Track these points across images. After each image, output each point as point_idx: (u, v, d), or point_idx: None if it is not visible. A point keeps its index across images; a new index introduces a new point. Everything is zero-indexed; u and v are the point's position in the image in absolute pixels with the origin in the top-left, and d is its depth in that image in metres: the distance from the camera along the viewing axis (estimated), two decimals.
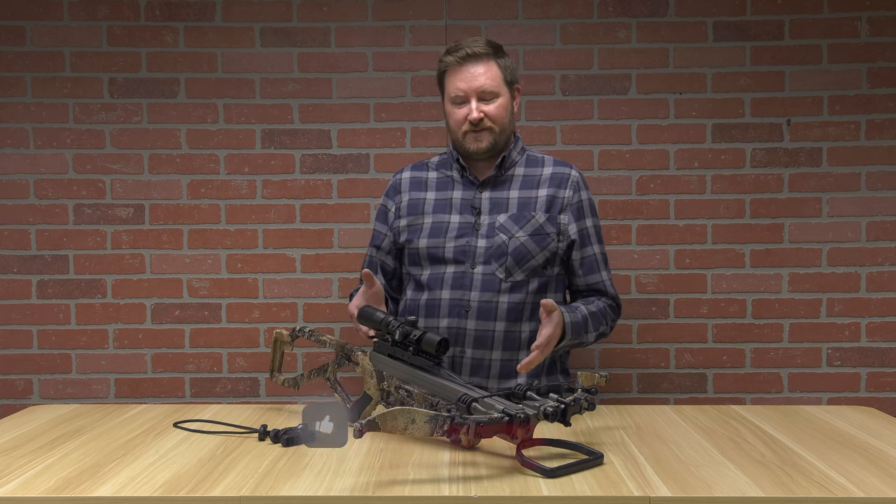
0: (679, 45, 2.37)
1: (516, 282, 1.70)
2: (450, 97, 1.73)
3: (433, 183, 1.81)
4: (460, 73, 1.70)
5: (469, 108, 1.69)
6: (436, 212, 1.77)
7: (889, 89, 2.36)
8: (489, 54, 1.70)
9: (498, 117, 1.71)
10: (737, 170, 2.39)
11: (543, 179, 1.77)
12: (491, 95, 1.70)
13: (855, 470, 1.19)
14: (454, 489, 1.10)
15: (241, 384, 2.42)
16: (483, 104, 1.70)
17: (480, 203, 1.75)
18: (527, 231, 1.71)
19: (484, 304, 1.68)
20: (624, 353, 2.42)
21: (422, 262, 1.75)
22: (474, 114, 1.68)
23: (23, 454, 1.31)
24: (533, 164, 1.80)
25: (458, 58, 1.69)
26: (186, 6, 2.37)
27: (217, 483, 1.14)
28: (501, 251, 1.69)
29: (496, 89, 1.70)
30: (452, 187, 1.79)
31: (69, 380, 2.41)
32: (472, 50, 1.69)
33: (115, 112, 2.39)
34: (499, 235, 1.71)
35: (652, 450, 1.30)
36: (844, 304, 2.39)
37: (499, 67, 1.71)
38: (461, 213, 1.75)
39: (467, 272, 1.70)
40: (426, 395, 1.37)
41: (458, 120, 1.72)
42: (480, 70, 1.69)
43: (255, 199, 2.41)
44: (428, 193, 1.79)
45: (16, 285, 2.40)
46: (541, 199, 1.74)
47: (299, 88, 2.39)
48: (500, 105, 1.71)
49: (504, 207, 1.74)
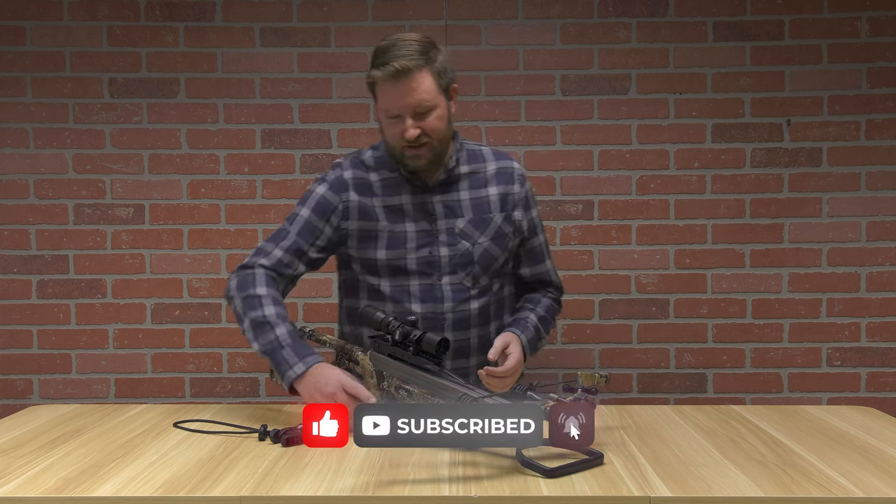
0: (679, 45, 2.37)
1: (482, 287, 1.68)
2: (383, 111, 1.60)
3: (378, 186, 1.68)
4: (392, 90, 1.55)
5: (405, 125, 1.56)
6: (390, 220, 1.66)
7: (889, 89, 2.36)
8: (420, 64, 1.54)
9: (436, 130, 1.59)
10: (737, 170, 2.39)
11: (490, 176, 1.72)
12: (427, 109, 1.57)
13: (855, 470, 1.19)
14: (454, 489, 1.10)
15: (241, 384, 2.42)
16: (419, 119, 1.57)
17: (434, 208, 1.67)
18: (488, 235, 1.67)
19: (458, 315, 1.66)
20: (624, 353, 2.41)
21: (380, 272, 1.67)
22: (410, 132, 1.56)
23: (23, 454, 1.31)
24: (475, 160, 1.73)
25: (388, 74, 1.53)
26: (186, 6, 2.37)
27: (217, 483, 1.14)
28: (467, 259, 1.65)
29: (431, 101, 1.57)
30: (400, 190, 1.67)
31: (69, 380, 2.41)
32: (402, 64, 1.52)
33: (115, 112, 2.39)
34: (462, 243, 1.66)
35: (652, 450, 1.30)
36: (844, 304, 2.39)
37: (432, 76, 1.56)
38: (416, 220, 1.67)
39: (435, 284, 1.65)
40: (426, 394, 1.37)
41: (394, 135, 1.60)
42: (413, 85, 1.54)
43: (255, 199, 2.41)
44: (375, 199, 1.67)
45: (16, 285, 2.40)
46: (493, 198, 1.70)
47: (299, 88, 2.39)
48: (437, 117, 1.58)
49: (459, 211, 1.68)
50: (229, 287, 1.61)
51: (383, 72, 1.54)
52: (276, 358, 1.50)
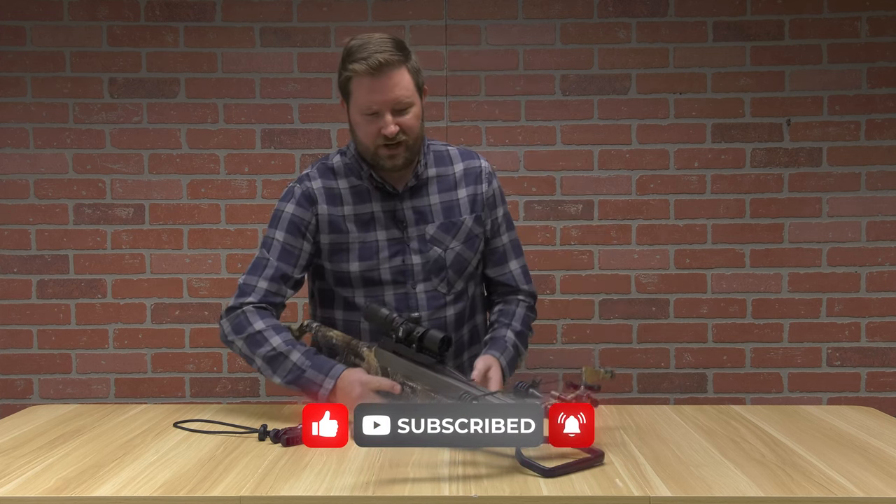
0: (679, 45, 2.37)
1: (457, 291, 1.67)
2: (359, 108, 1.56)
3: (347, 195, 1.65)
4: (372, 85, 1.51)
5: (383, 121, 1.53)
6: (360, 230, 1.63)
7: (889, 89, 2.36)
8: (401, 60, 1.52)
9: (412, 128, 1.57)
10: (737, 170, 2.39)
11: (458, 178, 1.69)
12: (405, 105, 1.54)
13: (855, 470, 1.19)
14: (454, 489, 1.10)
15: (241, 384, 2.42)
16: (398, 116, 1.54)
17: (405, 215, 1.65)
18: (459, 239, 1.66)
19: (434, 322, 1.64)
20: (624, 353, 2.41)
21: (353, 283, 1.64)
22: (391, 128, 1.53)
23: (23, 454, 1.31)
24: (442, 162, 1.70)
25: (370, 66, 1.50)
26: (186, 6, 2.37)
27: (217, 483, 1.14)
28: (440, 265, 1.64)
29: (410, 98, 1.54)
30: (370, 198, 1.64)
31: (69, 380, 2.41)
32: (384, 58, 1.50)
33: (115, 112, 2.39)
34: (433, 249, 1.64)
35: (652, 450, 1.30)
36: (844, 304, 2.39)
37: (410, 73, 1.55)
38: (386, 227, 1.64)
39: (409, 292, 1.64)
40: (429, 391, 1.37)
41: (369, 133, 1.56)
42: (394, 81, 1.51)
43: (255, 199, 2.41)
44: (345, 208, 1.64)
45: (16, 285, 2.40)
46: (463, 201, 1.68)
47: (299, 88, 2.39)
48: (414, 115, 1.56)
49: (429, 216, 1.66)
50: (224, 332, 1.58)
51: (365, 64, 1.50)
52: (302, 383, 1.50)
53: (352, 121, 1.59)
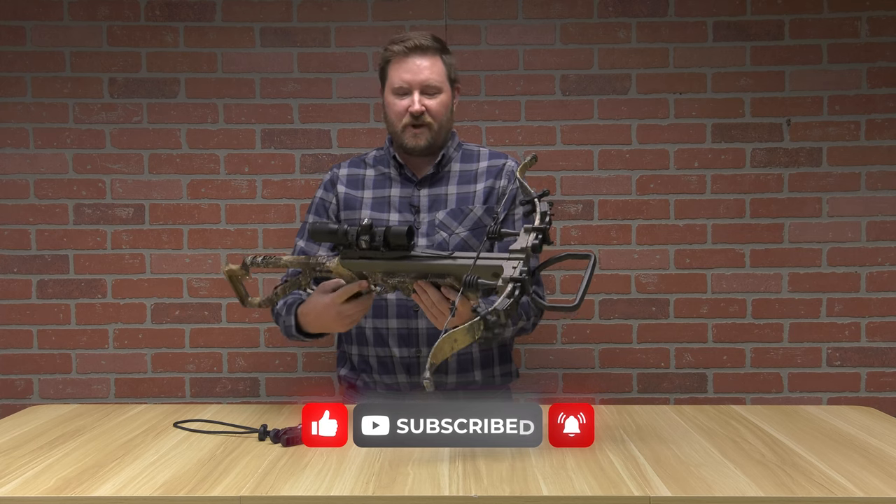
0: (679, 45, 2.37)
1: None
2: (392, 87, 1.68)
3: (370, 181, 1.77)
4: (405, 65, 1.66)
5: (411, 100, 1.66)
6: (374, 210, 1.73)
7: (889, 89, 2.36)
8: (436, 49, 1.68)
9: (438, 113, 1.68)
10: (737, 170, 2.39)
11: (480, 173, 1.75)
12: (434, 90, 1.67)
13: (855, 470, 1.19)
14: (454, 489, 1.10)
15: (241, 384, 2.42)
16: (426, 98, 1.67)
17: (419, 201, 1.72)
18: (466, 226, 1.69)
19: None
20: (624, 353, 2.41)
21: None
22: (416, 106, 1.65)
23: (23, 454, 1.31)
24: (469, 160, 1.77)
25: (406, 48, 1.65)
26: (186, 6, 2.37)
27: (217, 483, 1.14)
28: (443, 250, 1.64)
29: (440, 84, 1.67)
30: (390, 185, 1.75)
31: (69, 380, 2.41)
32: (420, 42, 1.66)
33: (115, 112, 2.39)
34: (439, 233, 1.68)
35: (652, 450, 1.30)
36: (844, 304, 2.39)
37: (443, 63, 1.69)
38: (400, 211, 1.72)
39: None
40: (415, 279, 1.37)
41: (398, 111, 1.68)
42: (426, 63, 1.66)
43: (255, 199, 2.41)
44: (365, 192, 1.75)
45: (16, 285, 2.40)
46: (478, 193, 1.72)
47: (299, 88, 2.39)
48: (441, 102, 1.68)
49: (443, 204, 1.71)
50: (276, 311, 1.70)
51: (402, 46, 1.66)
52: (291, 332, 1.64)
53: (385, 102, 1.72)
